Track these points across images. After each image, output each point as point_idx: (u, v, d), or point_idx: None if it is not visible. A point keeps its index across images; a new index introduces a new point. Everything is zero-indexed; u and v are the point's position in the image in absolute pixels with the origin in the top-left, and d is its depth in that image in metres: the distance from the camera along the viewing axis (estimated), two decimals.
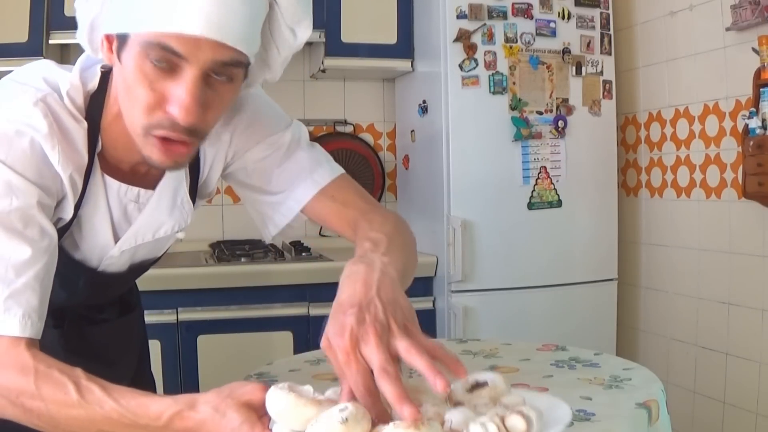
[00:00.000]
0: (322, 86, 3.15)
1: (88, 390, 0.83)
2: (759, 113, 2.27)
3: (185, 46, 0.86)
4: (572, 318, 2.71)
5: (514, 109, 2.66)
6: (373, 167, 3.16)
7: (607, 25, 2.80)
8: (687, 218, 2.69)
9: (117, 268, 1.16)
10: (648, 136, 2.89)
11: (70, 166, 0.97)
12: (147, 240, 1.13)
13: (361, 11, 2.84)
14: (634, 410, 1.12)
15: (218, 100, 0.92)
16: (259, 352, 2.44)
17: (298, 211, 1.15)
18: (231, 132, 1.13)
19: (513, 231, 2.66)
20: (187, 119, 0.88)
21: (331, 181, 1.15)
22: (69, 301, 1.17)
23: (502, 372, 1.38)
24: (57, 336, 1.18)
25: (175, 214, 1.13)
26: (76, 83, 0.99)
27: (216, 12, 0.85)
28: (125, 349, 1.34)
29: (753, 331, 2.40)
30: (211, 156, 1.15)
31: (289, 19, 0.97)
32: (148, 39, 0.86)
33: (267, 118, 1.16)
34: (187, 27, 0.85)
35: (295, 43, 1.00)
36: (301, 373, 1.41)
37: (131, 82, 0.90)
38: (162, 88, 0.89)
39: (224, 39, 0.86)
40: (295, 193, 1.15)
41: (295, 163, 1.15)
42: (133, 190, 1.08)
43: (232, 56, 0.89)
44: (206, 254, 2.79)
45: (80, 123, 0.98)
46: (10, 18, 2.49)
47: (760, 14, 2.24)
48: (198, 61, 0.87)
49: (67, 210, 1.02)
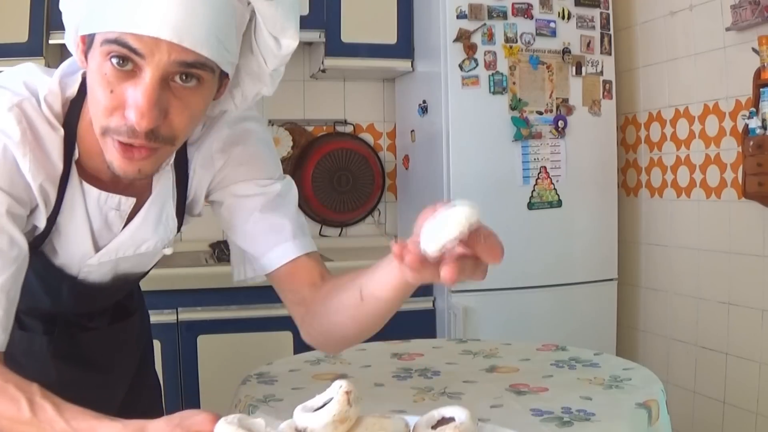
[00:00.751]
0: (322, 86, 3.15)
1: (41, 408, 0.82)
2: (759, 113, 2.26)
3: (143, 44, 0.84)
4: (572, 318, 2.71)
5: (514, 109, 2.66)
6: (373, 167, 3.16)
7: (607, 25, 2.80)
8: (687, 218, 2.69)
9: (98, 278, 1.13)
10: (648, 136, 2.89)
11: (41, 175, 0.95)
12: (128, 254, 1.10)
13: (361, 11, 2.84)
14: (634, 410, 1.12)
15: (182, 105, 0.89)
16: (259, 352, 2.43)
17: (271, 271, 1.10)
18: (225, 160, 1.10)
19: (513, 231, 2.66)
20: (141, 123, 0.85)
21: (312, 252, 1.11)
22: (55, 308, 1.15)
23: (501, 372, 1.38)
24: (46, 342, 1.16)
25: (159, 231, 1.10)
26: (54, 89, 0.97)
27: (174, 13, 0.83)
28: (122, 355, 1.31)
29: (753, 331, 2.40)
30: (200, 176, 1.11)
31: (271, 28, 0.93)
32: (107, 37, 0.84)
33: (264, 162, 1.13)
34: (146, 27, 0.83)
35: (281, 53, 0.96)
36: (301, 372, 1.42)
37: (92, 83, 0.88)
38: (121, 91, 0.86)
39: (182, 41, 0.84)
40: (274, 252, 1.10)
41: (277, 220, 1.10)
42: (114, 198, 1.04)
43: (195, 58, 0.86)
44: (206, 254, 2.79)
45: (56, 130, 0.96)
46: (10, 18, 2.49)
47: (760, 14, 2.24)
48: (156, 63, 0.84)
49: (40, 219, 0.99)
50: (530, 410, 1.12)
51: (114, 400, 1.26)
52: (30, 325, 1.16)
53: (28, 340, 1.15)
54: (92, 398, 1.20)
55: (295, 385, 1.32)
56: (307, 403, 0.75)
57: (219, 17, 0.87)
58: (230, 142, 1.09)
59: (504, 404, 1.17)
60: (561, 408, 1.13)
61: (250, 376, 1.38)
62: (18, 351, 1.11)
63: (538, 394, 1.21)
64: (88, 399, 1.20)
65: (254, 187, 1.11)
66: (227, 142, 1.09)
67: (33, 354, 1.14)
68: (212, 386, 2.45)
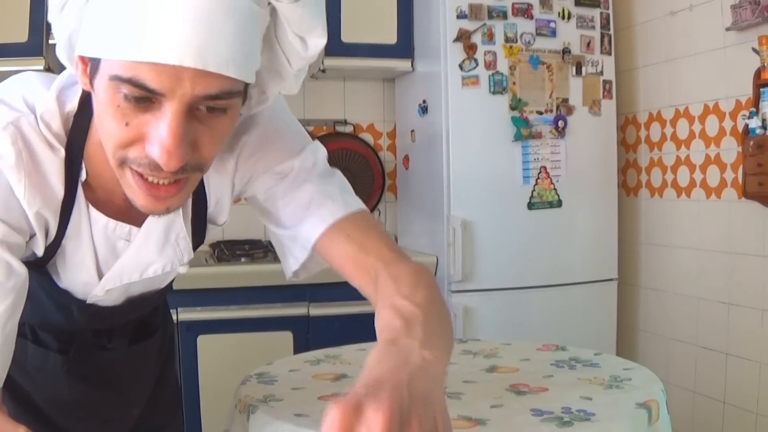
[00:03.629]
0: (322, 86, 3.15)
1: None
2: (759, 113, 2.27)
3: (161, 82, 0.71)
4: (572, 318, 2.71)
5: (514, 109, 2.66)
6: (373, 167, 3.16)
7: (607, 25, 2.80)
8: (687, 218, 2.69)
9: (110, 302, 1.06)
10: (648, 136, 2.89)
11: (38, 202, 0.86)
12: (134, 279, 1.01)
13: (361, 11, 2.84)
14: (634, 410, 1.12)
15: (210, 133, 0.79)
16: (259, 352, 2.44)
17: (309, 251, 0.99)
18: (236, 158, 0.99)
19: (513, 231, 2.66)
20: (170, 164, 0.75)
21: (344, 217, 0.97)
22: (69, 326, 1.09)
23: (501, 372, 1.38)
24: (61, 362, 1.10)
25: (167, 253, 1.00)
26: (51, 107, 0.87)
27: (196, 35, 0.71)
28: (139, 375, 1.22)
29: (753, 331, 2.40)
30: (217, 185, 1.01)
31: (296, 28, 0.82)
32: (117, 73, 0.72)
33: (276, 143, 1.00)
34: (164, 54, 0.70)
35: (307, 54, 0.85)
36: (301, 372, 1.41)
37: (101, 112, 0.77)
38: (139, 124, 0.75)
39: (207, 65, 0.72)
40: (302, 230, 0.98)
41: (301, 195, 0.98)
42: (123, 228, 0.95)
43: (221, 87, 0.74)
44: (206, 254, 2.79)
45: (56, 151, 0.87)
46: (10, 18, 2.49)
47: (760, 14, 2.24)
48: (179, 96, 0.73)
49: (39, 247, 0.92)
50: (530, 410, 1.12)
51: (128, 416, 1.22)
52: (45, 341, 1.10)
53: (42, 356, 1.10)
54: (105, 415, 1.18)
55: (295, 385, 1.31)
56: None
57: (243, 30, 0.75)
58: (235, 136, 0.98)
59: (504, 404, 1.16)
60: (561, 408, 1.12)
61: (250, 376, 1.38)
62: (31, 366, 1.10)
63: (538, 394, 1.21)
64: (100, 416, 1.18)
65: (272, 177, 1.00)
66: (232, 139, 0.97)
67: (46, 370, 1.10)
68: (212, 386, 2.45)
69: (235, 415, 1.23)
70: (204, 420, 2.46)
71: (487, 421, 1.08)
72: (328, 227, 0.96)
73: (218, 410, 2.34)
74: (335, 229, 0.96)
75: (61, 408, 1.13)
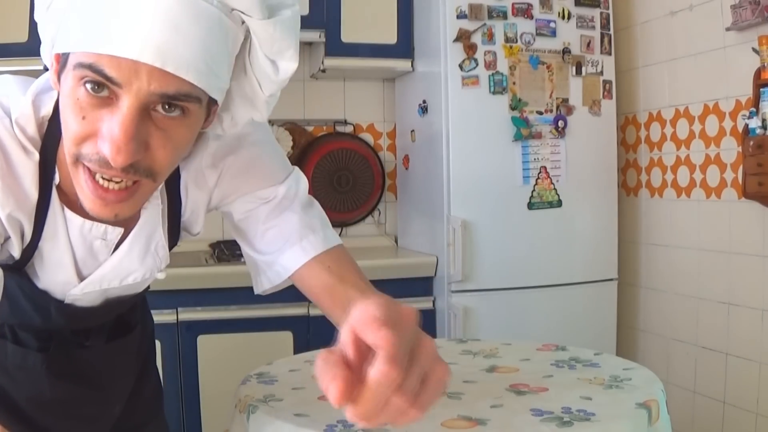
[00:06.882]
0: (322, 86, 3.15)
1: None
2: (759, 113, 2.27)
3: (120, 72, 0.74)
4: (572, 318, 2.71)
5: (514, 109, 2.66)
6: (373, 167, 3.16)
7: (607, 25, 2.80)
8: (687, 218, 2.69)
9: (87, 303, 1.08)
10: (648, 136, 2.89)
11: (11, 204, 0.88)
12: (114, 286, 1.04)
13: (361, 11, 2.84)
14: (634, 410, 1.12)
15: (164, 137, 0.79)
16: (259, 352, 2.44)
17: (286, 278, 1.05)
18: (218, 175, 1.02)
19: (513, 231, 2.66)
20: (117, 159, 0.76)
21: (325, 251, 1.03)
22: (46, 325, 1.10)
23: (501, 372, 1.38)
24: (41, 360, 1.11)
25: (147, 262, 1.04)
26: (27, 111, 0.88)
27: (158, 33, 0.73)
28: (119, 372, 1.24)
29: (753, 331, 2.40)
30: (194, 197, 1.04)
31: (267, 49, 0.83)
32: (81, 60, 0.75)
33: (261, 169, 1.04)
34: (124, 48, 0.72)
35: (278, 78, 0.86)
36: (301, 372, 1.41)
37: (64, 107, 0.79)
38: (95, 119, 0.77)
39: (165, 65, 0.73)
40: (281, 259, 1.03)
41: (283, 224, 1.03)
42: (99, 227, 0.96)
43: (179, 88, 0.76)
44: (206, 254, 2.79)
45: (29, 155, 0.88)
46: (10, 18, 2.49)
47: (760, 14, 2.24)
48: (134, 92, 0.74)
49: (15, 249, 0.94)
50: (530, 410, 1.12)
51: (109, 414, 1.22)
52: (24, 340, 1.12)
53: (21, 355, 1.11)
54: (87, 413, 1.18)
55: (295, 385, 1.32)
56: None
57: (209, 38, 0.77)
58: (221, 154, 1.01)
59: (504, 404, 1.17)
60: (561, 408, 1.13)
61: (250, 376, 1.38)
62: (11, 365, 1.10)
63: (538, 394, 1.21)
64: (82, 414, 1.19)
65: (255, 201, 1.05)
66: (217, 156, 1.01)
67: (26, 369, 1.11)
68: (212, 386, 2.45)
69: (235, 415, 1.23)
70: (204, 420, 2.46)
71: (487, 421, 1.08)
72: (309, 260, 1.02)
73: (218, 410, 2.34)
74: (315, 261, 1.02)
75: (42, 407, 1.13)
